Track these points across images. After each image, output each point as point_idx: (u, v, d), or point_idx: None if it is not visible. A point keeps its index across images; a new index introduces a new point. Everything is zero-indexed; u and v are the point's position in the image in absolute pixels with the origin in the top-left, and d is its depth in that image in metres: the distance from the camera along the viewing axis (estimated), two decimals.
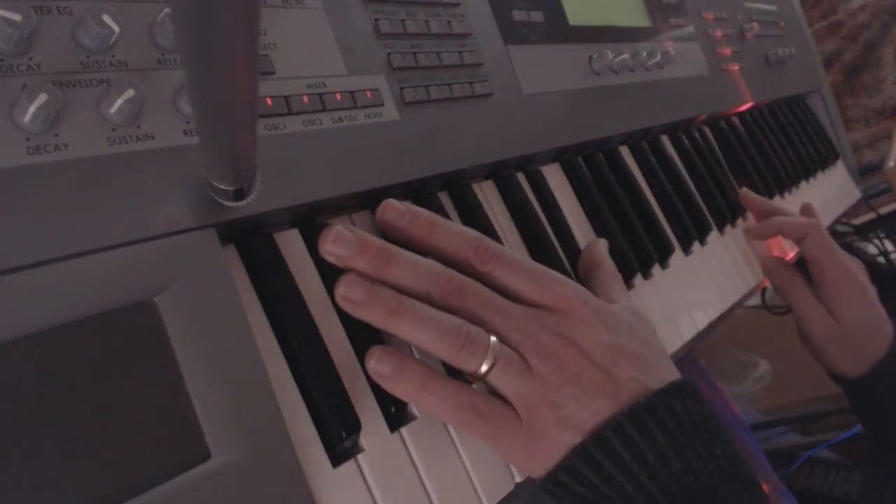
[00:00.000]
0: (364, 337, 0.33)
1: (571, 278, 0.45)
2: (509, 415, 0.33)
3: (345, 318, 0.34)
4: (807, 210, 0.71)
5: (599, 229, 0.51)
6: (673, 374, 0.36)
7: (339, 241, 0.32)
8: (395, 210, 0.35)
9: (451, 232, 0.35)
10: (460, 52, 0.43)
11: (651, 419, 0.33)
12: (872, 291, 0.64)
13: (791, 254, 0.69)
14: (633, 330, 0.37)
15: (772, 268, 0.63)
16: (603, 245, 0.46)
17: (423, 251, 0.36)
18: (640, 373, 0.34)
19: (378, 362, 0.31)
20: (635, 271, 0.50)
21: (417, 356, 0.35)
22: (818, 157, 0.89)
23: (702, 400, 0.35)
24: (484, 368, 0.32)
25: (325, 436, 0.30)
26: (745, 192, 0.67)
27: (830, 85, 1.02)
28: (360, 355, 0.33)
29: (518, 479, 0.36)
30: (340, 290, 0.32)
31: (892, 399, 0.62)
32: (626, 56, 0.56)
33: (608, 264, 0.44)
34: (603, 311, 0.36)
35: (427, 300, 0.32)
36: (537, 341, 0.33)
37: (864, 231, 1.08)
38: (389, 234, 0.36)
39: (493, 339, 0.32)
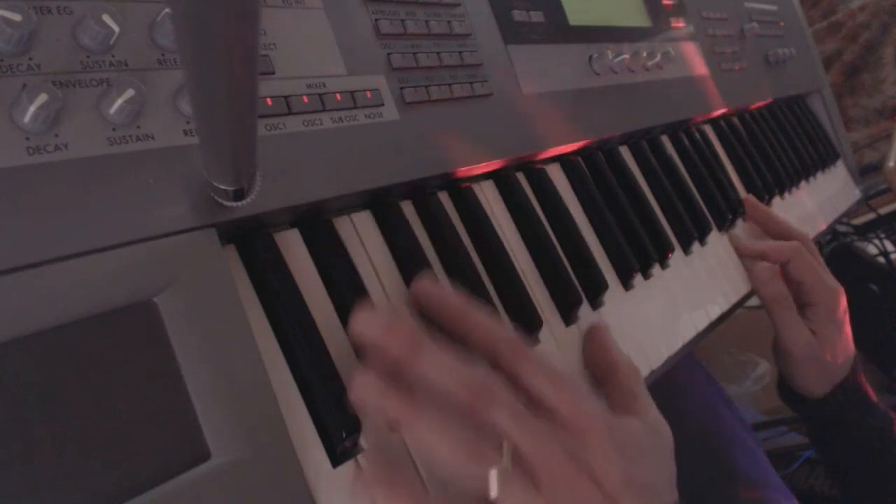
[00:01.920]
0: None
1: (571, 279, 0.45)
2: None
3: (345, 318, 0.34)
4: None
5: (599, 229, 0.51)
6: (672, 497, 0.37)
7: (370, 323, 0.31)
8: (428, 291, 0.34)
9: (483, 325, 0.34)
10: (460, 52, 0.43)
11: None
12: (848, 320, 0.64)
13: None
14: (648, 454, 0.36)
15: (762, 279, 0.61)
16: (610, 339, 0.44)
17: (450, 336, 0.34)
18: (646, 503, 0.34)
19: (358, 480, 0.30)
20: (635, 271, 0.50)
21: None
22: (818, 157, 0.89)
23: None
24: (492, 494, 0.30)
25: (325, 436, 0.30)
26: (750, 199, 0.68)
27: (830, 85, 1.02)
28: (360, 355, 0.33)
29: None
30: (354, 395, 0.30)
31: (846, 419, 0.62)
32: (626, 56, 0.56)
33: (625, 365, 0.42)
34: (620, 432, 0.35)
35: (449, 399, 0.31)
36: (551, 461, 0.31)
37: (864, 231, 1.08)
38: (420, 310, 0.35)
39: (505, 461, 0.30)
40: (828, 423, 0.64)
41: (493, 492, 0.29)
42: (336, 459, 0.30)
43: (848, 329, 0.64)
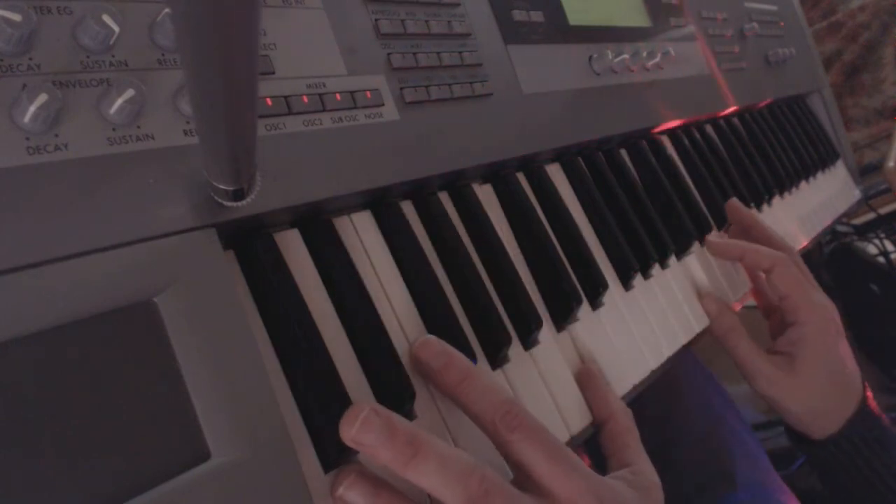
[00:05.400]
0: (364, 337, 0.33)
1: (571, 278, 0.45)
2: None
3: (345, 318, 0.34)
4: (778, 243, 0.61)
5: (599, 229, 0.51)
6: None
7: (367, 427, 0.29)
8: (432, 350, 0.34)
9: (482, 389, 0.34)
10: (460, 52, 0.43)
11: None
12: (845, 341, 0.56)
13: (738, 304, 0.63)
14: None
15: (712, 313, 0.56)
16: (603, 386, 0.43)
17: (447, 397, 0.35)
18: None
19: None
20: (636, 271, 0.50)
21: None
22: (818, 157, 0.89)
23: None
24: None
25: (318, 440, 0.30)
26: (733, 203, 0.63)
27: (830, 85, 1.02)
28: (360, 356, 0.33)
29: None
30: (339, 492, 0.29)
31: (860, 462, 0.53)
32: (626, 56, 0.56)
33: (620, 414, 0.42)
34: (608, 501, 0.34)
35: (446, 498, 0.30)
36: None
37: (864, 231, 1.08)
38: (418, 371, 0.35)
39: None
40: (836, 465, 0.55)
41: None
42: (328, 465, 0.30)
43: (845, 350, 0.55)
